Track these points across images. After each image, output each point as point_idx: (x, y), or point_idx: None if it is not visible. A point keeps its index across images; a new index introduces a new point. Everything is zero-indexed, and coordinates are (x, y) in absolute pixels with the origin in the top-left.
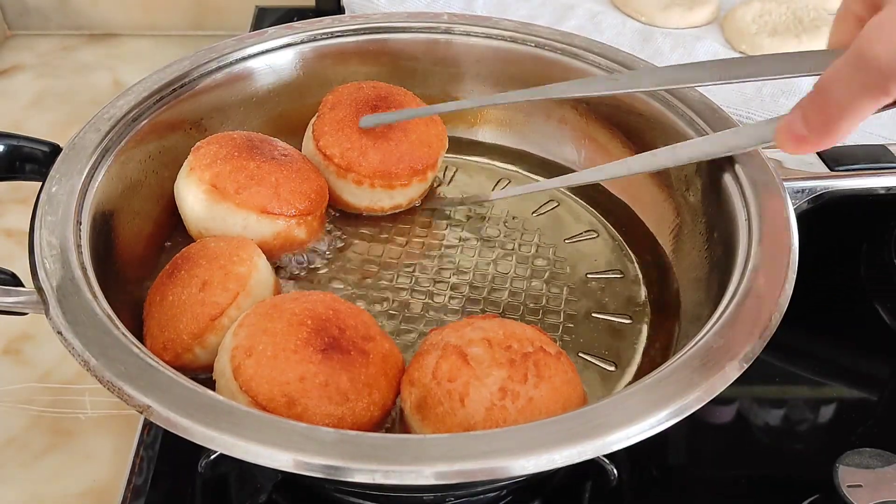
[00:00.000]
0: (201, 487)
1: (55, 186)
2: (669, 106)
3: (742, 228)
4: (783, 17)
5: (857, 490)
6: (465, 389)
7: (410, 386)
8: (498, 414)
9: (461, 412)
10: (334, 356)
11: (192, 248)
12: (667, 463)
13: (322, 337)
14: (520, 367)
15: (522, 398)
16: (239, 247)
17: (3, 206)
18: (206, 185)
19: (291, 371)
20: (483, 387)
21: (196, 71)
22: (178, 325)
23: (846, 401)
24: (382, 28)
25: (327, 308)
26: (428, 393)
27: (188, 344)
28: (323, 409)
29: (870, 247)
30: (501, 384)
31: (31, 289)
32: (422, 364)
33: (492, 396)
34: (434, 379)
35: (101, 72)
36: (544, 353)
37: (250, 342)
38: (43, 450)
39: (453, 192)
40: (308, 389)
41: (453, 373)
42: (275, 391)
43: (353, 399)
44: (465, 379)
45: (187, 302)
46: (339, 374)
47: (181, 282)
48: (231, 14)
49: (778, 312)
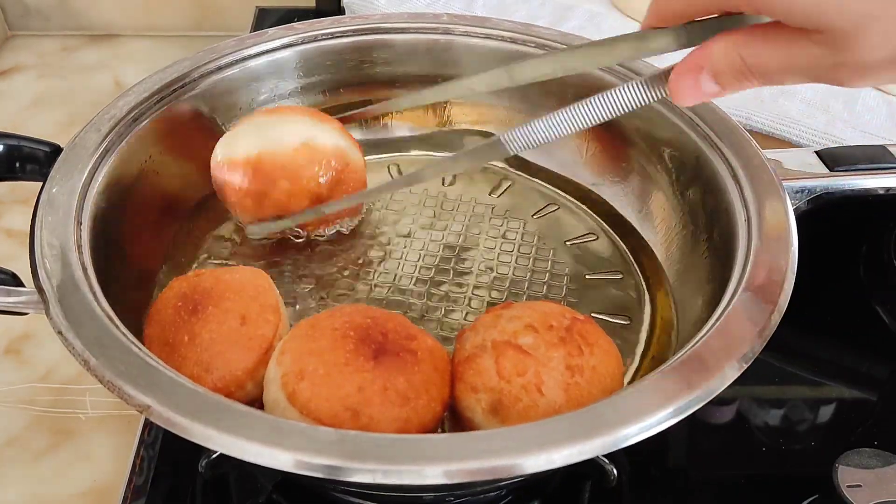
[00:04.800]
0: (201, 487)
1: (56, 187)
2: (669, 107)
3: (742, 228)
4: None
5: (857, 490)
6: (538, 379)
7: (475, 393)
8: (574, 392)
9: (543, 401)
10: (385, 361)
11: (205, 283)
12: (666, 463)
13: (369, 345)
14: (570, 342)
15: (587, 370)
16: (257, 276)
17: (4, 206)
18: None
19: (348, 384)
20: (553, 371)
21: (196, 71)
22: (228, 365)
23: (846, 401)
24: (382, 29)
25: (364, 317)
26: (501, 394)
27: (242, 381)
28: (388, 414)
29: (869, 247)
30: (566, 363)
31: (31, 289)
32: (478, 368)
33: (564, 377)
34: (503, 379)
35: (101, 72)
36: (579, 321)
37: (299, 366)
38: (43, 450)
39: (454, 194)
40: (369, 398)
41: (519, 367)
42: (336, 407)
43: (414, 398)
44: (535, 369)
45: (232, 339)
46: (396, 377)
47: (215, 319)
48: (231, 15)
49: (778, 312)
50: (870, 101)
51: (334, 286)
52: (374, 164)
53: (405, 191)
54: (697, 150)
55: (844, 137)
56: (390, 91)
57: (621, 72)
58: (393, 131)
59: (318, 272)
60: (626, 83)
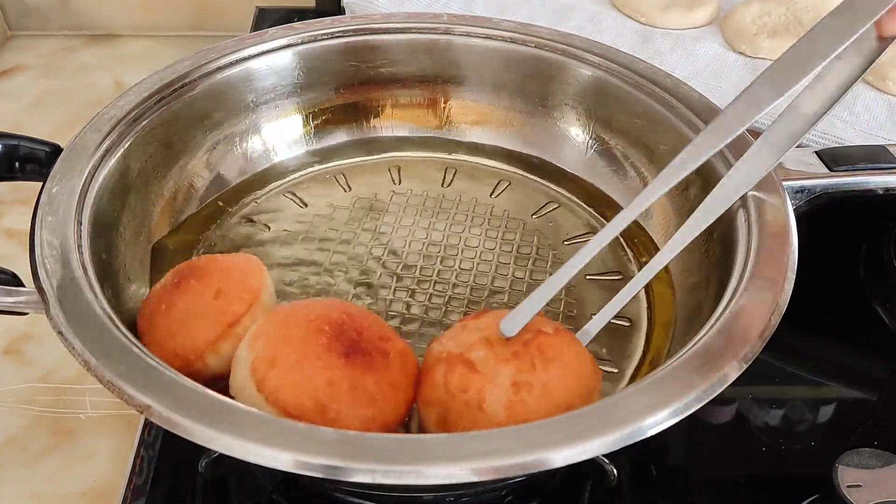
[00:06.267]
0: (201, 487)
1: (56, 187)
2: (670, 107)
3: (741, 228)
4: (783, 18)
5: (857, 490)
6: (480, 395)
7: (427, 406)
8: (518, 408)
9: (483, 418)
10: (357, 359)
11: (198, 262)
12: (666, 463)
13: (342, 341)
14: (524, 357)
15: (537, 386)
16: (248, 261)
17: (4, 206)
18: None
19: (318, 377)
20: (496, 388)
21: (196, 71)
22: (191, 332)
23: (846, 401)
24: (382, 29)
25: (340, 312)
26: (447, 409)
27: (201, 351)
28: (354, 412)
29: (869, 247)
30: (512, 379)
31: (31, 289)
32: (432, 381)
33: (507, 394)
34: (447, 393)
35: (101, 72)
36: (543, 334)
37: (271, 352)
38: (43, 450)
39: (453, 195)
40: (338, 394)
41: (464, 383)
42: (303, 399)
43: (381, 400)
44: (478, 385)
45: (202, 310)
46: (365, 377)
47: (193, 291)
48: (231, 15)
49: (777, 312)
50: (870, 101)
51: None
52: (374, 165)
53: (406, 190)
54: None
55: (844, 137)
56: (390, 91)
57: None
58: (393, 131)
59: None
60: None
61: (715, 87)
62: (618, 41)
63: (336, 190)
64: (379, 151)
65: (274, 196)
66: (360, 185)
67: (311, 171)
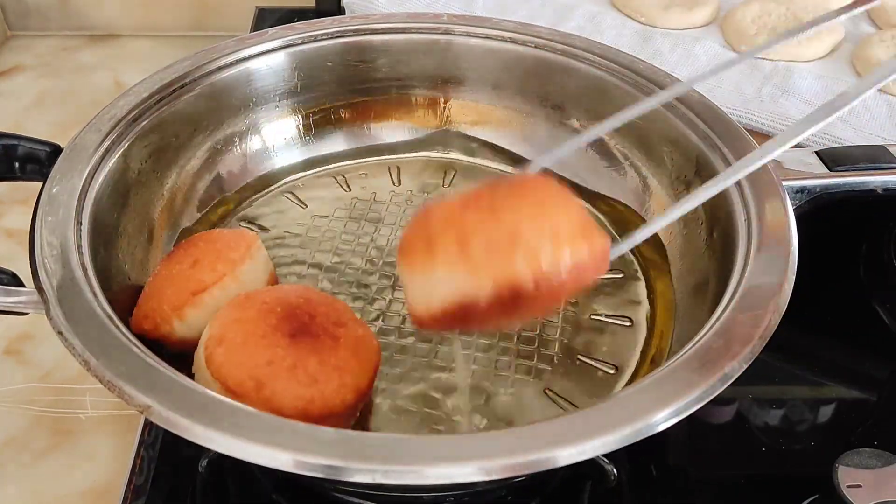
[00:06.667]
0: (201, 487)
1: (56, 187)
2: (670, 107)
3: (741, 228)
4: (783, 18)
5: (857, 490)
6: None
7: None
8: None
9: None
10: (303, 340)
11: (197, 235)
12: (666, 463)
13: (291, 322)
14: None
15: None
16: (239, 236)
17: (4, 206)
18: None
19: (260, 356)
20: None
21: (196, 71)
22: (161, 296)
23: (846, 401)
24: (382, 29)
25: (299, 297)
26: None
27: (167, 315)
28: (291, 391)
29: (869, 247)
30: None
31: (31, 289)
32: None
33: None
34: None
35: (101, 72)
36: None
37: (222, 331)
38: (43, 450)
39: (453, 195)
40: (276, 372)
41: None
42: (243, 376)
43: (323, 381)
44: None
45: (176, 277)
46: (308, 357)
47: (176, 259)
48: (231, 15)
49: (777, 312)
50: (870, 101)
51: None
52: (374, 165)
53: (405, 191)
54: (697, 150)
55: (844, 137)
56: (390, 91)
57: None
58: (393, 132)
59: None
60: None
61: (715, 87)
62: (618, 41)
63: (335, 190)
64: (378, 152)
65: (273, 196)
66: (360, 186)
67: (310, 171)
